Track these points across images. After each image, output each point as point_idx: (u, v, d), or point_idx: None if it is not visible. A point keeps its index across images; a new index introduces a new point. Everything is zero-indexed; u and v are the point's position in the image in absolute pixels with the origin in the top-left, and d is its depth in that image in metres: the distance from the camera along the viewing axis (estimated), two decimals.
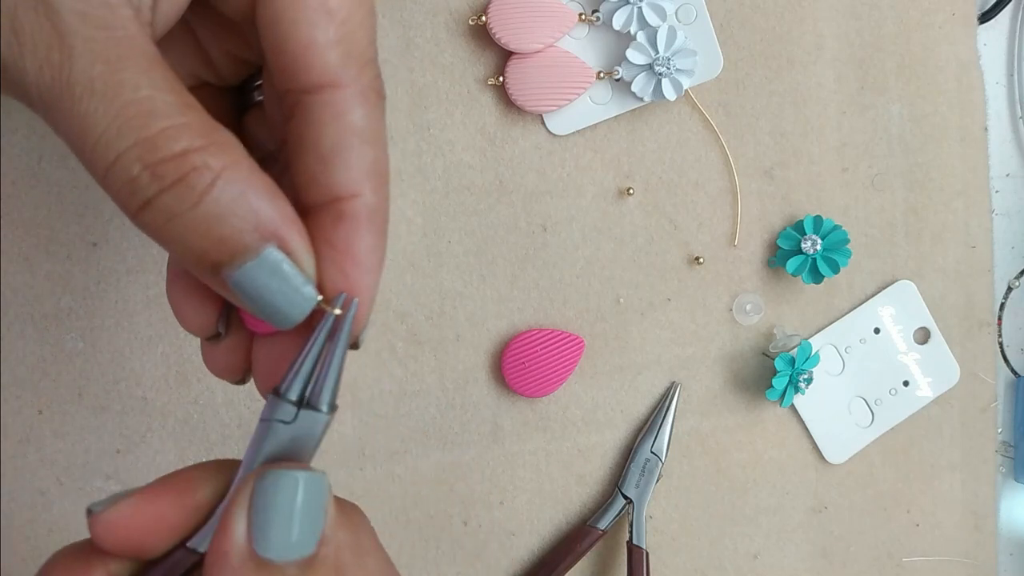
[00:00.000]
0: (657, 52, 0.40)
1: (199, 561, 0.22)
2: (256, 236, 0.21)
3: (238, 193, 0.20)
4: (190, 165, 0.20)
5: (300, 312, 0.22)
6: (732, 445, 0.45)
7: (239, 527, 0.21)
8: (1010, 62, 0.46)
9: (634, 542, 0.44)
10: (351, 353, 0.23)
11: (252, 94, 0.28)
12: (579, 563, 0.45)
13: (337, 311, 0.22)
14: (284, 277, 0.21)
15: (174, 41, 0.26)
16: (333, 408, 0.22)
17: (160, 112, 0.20)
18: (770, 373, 0.43)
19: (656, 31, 0.40)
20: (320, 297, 0.22)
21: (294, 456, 0.22)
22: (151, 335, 0.41)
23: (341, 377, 0.22)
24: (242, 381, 0.26)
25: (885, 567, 0.47)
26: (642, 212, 0.43)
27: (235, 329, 0.26)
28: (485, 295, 0.43)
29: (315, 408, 0.22)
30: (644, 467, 0.44)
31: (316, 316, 0.22)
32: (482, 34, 0.41)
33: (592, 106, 0.42)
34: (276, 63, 0.23)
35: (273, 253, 0.21)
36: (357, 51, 0.23)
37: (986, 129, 0.45)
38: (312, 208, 0.23)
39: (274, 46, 0.22)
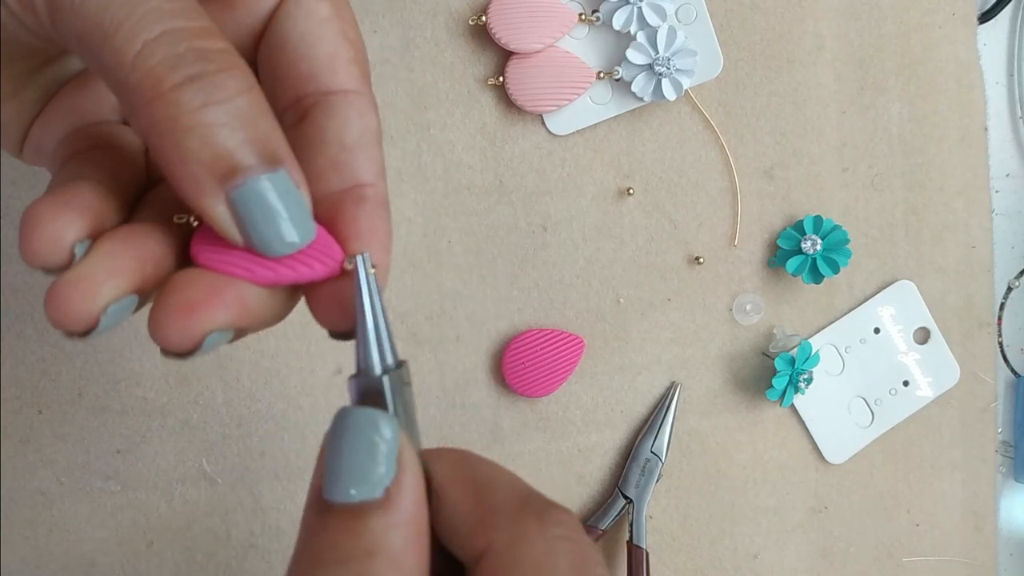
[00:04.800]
0: (657, 52, 0.40)
1: None
2: (278, 153, 0.21)
3: (267, 105, 0.21)
4: (233, 62, 0.20)
5: (302, 239, 0.21)
6: (732, 445, 0.45)
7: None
8: (1010, 62, 0.46)
9: (634, 542, 0.44)
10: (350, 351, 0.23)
11: None
12: None
13: (371, 270, 0.22)
14: (295, 200, 0.21)
15: None
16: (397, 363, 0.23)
17: (206, 15, 0.20)
18: (770, 373, 0.43)
19: (656, 31, 0.40)
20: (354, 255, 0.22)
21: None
22: None
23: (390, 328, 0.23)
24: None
25: (885, 567, 0.47)
26: (642, 212, 0.43)
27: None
28: (485, 295, 0.43)
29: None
30: (644, 467, 0.44)
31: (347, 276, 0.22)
32: (482, 34, 0.41)
33: (592, 106, 0.42)
34: (299, 70, 0.24)
35: (288, 175, 0.21)
36: (366, 75, 0.25)
37: (986, 129, 0.45)
38: (329, 195, 0.24)
39: (298, 55, 0.24)
